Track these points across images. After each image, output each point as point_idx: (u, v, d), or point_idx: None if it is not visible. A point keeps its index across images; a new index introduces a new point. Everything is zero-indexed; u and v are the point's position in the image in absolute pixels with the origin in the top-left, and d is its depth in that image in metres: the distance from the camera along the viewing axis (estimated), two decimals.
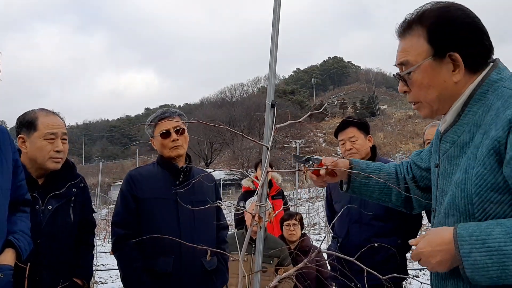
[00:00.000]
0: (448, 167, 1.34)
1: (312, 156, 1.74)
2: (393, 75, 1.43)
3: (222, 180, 43.15)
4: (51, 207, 2.22)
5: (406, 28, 1.36)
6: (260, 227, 1.63)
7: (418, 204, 1.67)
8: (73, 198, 2.33)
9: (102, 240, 16.88)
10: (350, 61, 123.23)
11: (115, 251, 2.48)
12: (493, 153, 1.17)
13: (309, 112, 1.78)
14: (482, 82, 1.27)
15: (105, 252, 14.13)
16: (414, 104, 1.43)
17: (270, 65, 1.67)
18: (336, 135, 3.29)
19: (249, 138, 1.68)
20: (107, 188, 39.19)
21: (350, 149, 3.12)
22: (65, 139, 2.30)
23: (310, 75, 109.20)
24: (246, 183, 5.71)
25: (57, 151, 2.23)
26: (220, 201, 1.93)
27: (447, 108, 1.35)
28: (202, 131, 50.51)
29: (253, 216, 1.60)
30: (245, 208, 3.80)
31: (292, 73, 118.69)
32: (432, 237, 1.24)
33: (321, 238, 13.27)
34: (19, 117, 2.29)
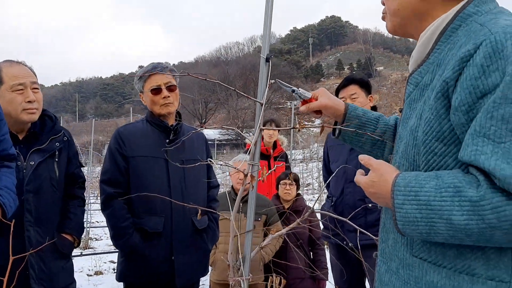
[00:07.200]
0: (408, 111, 1.19)
1: (298, 89, 1.58)
2: None
3: (217, 140, 43.18)
4: (33, 163, 2.12)
5: None
6: (253, 186, 1.57)
7: None
8: (57, 153, 2.23)
9: (96, 197, 16.96)
10: (348, 21, 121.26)
11: (104, 209, 2.43)
12: (441, 97, 1.03)
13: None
14: (457, 15, 1.09)
15: (99, 210, 14.24)
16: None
17: (266, 9, 1.55)
18: (337, 93, 3.20)
19: (242, 93, 1.59)
20: (101, 146, 39.11)
21: None
22: (37, 88, 2.18)
23: (307, 35, 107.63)
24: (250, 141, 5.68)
25: (29, 102, 2.11)
26: (211, 159, 1.86)
27: (409, 28, 1.22)
28: (196, 90, 49.95)
29: (245, 175, 1.54)
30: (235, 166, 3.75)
31: (289, 32, 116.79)
32: (379, 177, 1.13)
33: (314, 199, 13.43)
34: None
